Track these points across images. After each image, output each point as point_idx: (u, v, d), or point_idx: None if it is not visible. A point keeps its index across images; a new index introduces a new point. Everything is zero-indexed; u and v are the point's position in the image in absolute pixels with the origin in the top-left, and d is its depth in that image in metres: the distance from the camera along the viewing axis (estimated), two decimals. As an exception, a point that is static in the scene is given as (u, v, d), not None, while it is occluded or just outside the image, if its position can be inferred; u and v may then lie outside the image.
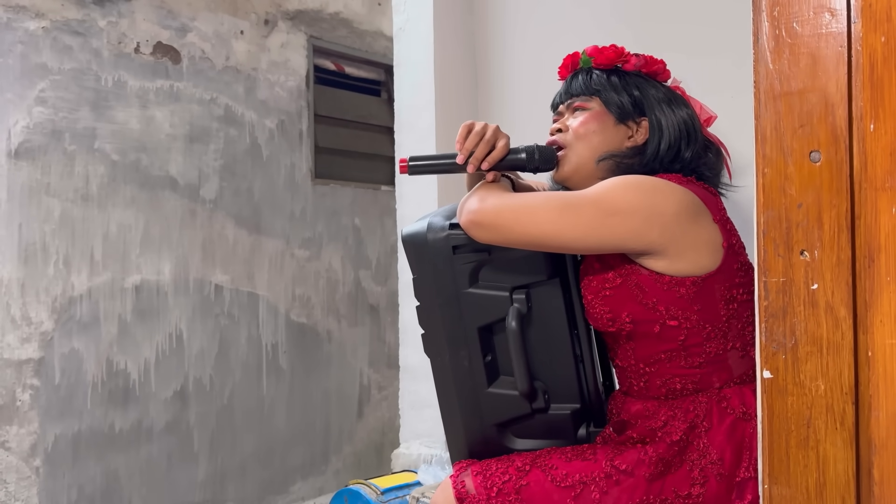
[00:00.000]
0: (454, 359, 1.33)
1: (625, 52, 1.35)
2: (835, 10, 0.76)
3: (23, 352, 2.51)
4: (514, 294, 1.30)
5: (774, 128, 0.78)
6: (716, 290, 1.21)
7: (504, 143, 1.29)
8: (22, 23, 2.54)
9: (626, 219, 1.16)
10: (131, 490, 2.75)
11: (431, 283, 1.33)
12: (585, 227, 1.17)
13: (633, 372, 1.28)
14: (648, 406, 1.26)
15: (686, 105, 1.34)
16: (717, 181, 1.35)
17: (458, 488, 1.26)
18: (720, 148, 1.36)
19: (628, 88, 1.33)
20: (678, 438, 1.21)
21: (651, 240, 1.17)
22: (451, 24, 2.32)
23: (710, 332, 1.22)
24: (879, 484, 0.72)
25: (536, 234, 1.19)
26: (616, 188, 1.19)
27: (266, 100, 3.22)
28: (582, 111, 1.34)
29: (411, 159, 1.31)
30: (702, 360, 1.23)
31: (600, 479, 1.20)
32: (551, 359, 1.33)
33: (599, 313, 1.25)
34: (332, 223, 3.44)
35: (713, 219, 1.22)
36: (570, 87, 1.37)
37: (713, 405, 1.22)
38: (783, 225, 0.78)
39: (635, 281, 1.21)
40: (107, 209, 2.73)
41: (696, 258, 1.19)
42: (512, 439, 1.35)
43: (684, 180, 1.25)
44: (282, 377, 3.23)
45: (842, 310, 0.75)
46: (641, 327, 1.23)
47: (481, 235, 1.23)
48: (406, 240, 1.35)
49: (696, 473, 1.19)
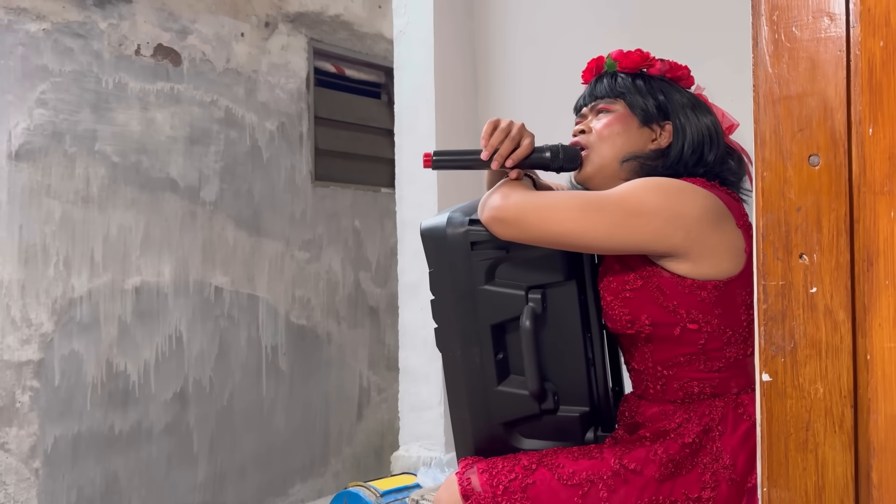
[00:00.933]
0: (466, 355, 1.32)
1: (650, 56, 1.35)
2: (834, 14, 0.76)
3: (23, 353, 2.51)
4: (530, 293, 1.28)
5: (773, 131, 0.79)
6: (737, 295, 1.20)
7: (529, 142, 1.28)
8: (23, 25, 2.54)
9: (650, 220, 1.16)
10: (131, 492, 2.75)
11: (447, 278, 1.32)
12: (608, 227, 1.17)
13: (650, 375, 1.27)
14: (665, 410, 1.26)
15: (709, 112, 1.34)
16: (739, 186, 1.34)
17: (464, 485, 1.24)
18: (742, 154, 1.36)
19: (653, 92, 1.32)
20: (691, 441, 1.20)
21: (674, 242, 1.17)
22: (451, 27, 2.32)
23: (731, 337, 1.21)
24: (878, 487, 0.72)
25: (559, 233, 1.18)
26: (640, 189, 1.19)
27: (266, 102, 3.22)
28: (606, 113, 1.33)
29: (435, 154, 1.30)
30: (721, 365, 1.22)
31: (608, 477, 1.19)
32: (563, 360, 1.32)
33: (618, 315, 1.24)
34: (332, 225, 3.44)
35: (736, 223, 1.21)
36: (594, 90, 1.36)
37: (729, 410, 1.21)
38: (782, 228, 0.78)
39: (656, 283, 1.20)
40: (107, 211, 2.73)
41: (718, 262, 1.19)
42: (519, 438, 1.34)
43: (708, 185, 1.24)
44: (281, 379, 3.23)
45: (840, 313, 0.75)
46: (661, 330, 1.22)
47: (503, 232, 1.22)
48: (425, 233, 1.34)
49: (708, 477, 1.18)
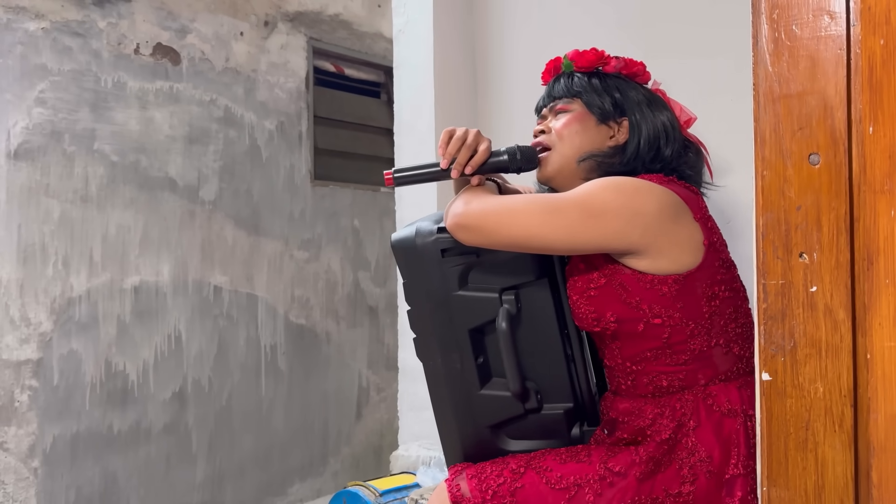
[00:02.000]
0: (446, 362, 1.33)
1: (605, 54, 1.37)
2: (834, 13, 0.76)
3: (21, 353, 2.51)
4: (504, 295, 1.30)
5: (773, 130, 0.78)
6: (697, 288, 1.22)
7: (485, 147, 1.30)
8: (22, 24, 2.54)
9: (609, 220, 1.18)
10: (129, 491, 2.75)
11: (421, 287, 1.34)
12: (568, 229, 1.19)
13: (621, 371, 1.29)
14: (636, 404, 1.27)
15: (665, 107, 1.36)
16: (698, 179, 1.37)
17: (454, 492, 1.26)
18: (700, 147, 1.39)
19: (609, 90, 1.35)
20: (667, 437, 1.22)
21: (633, 240, 1.19)
22: (450, 26, 2.32)
23: (694, 329, 1.23)
24: (878, 486, 0.72)
25: (520, 236, 1.21)
26: (599, 190, 1.21)
27: (265, 101, 3.22)
28: (564, 113, 1.36)
29: (395, 171, 1.32)
30: (686, 358, 1.24)
31: (594, 481, 1.21)
32: (542, 359, 1.33)
33: (585, 313, 1.26)
34: (332, 225, 3.44)
35: (694, 217, 1.23)
36: (552, 91, 1.40)
37: (699, 403, 1.23)
38: (782, 227, 0.78)
39: (619, 280, 1.23)
40: (106, 210, 2.73)
41: (677, 256, 1.21)
42: (506, 440, 1.35)
43: (665, 180, 1.27)
44: (280, 378, 3.23)
45: (840, 312, 0.75)
46: (626, 326, 1.24)
47: (466, 238, 1.25)
48: (395, 245, 1.36)
49: (686, 472, 1.20)
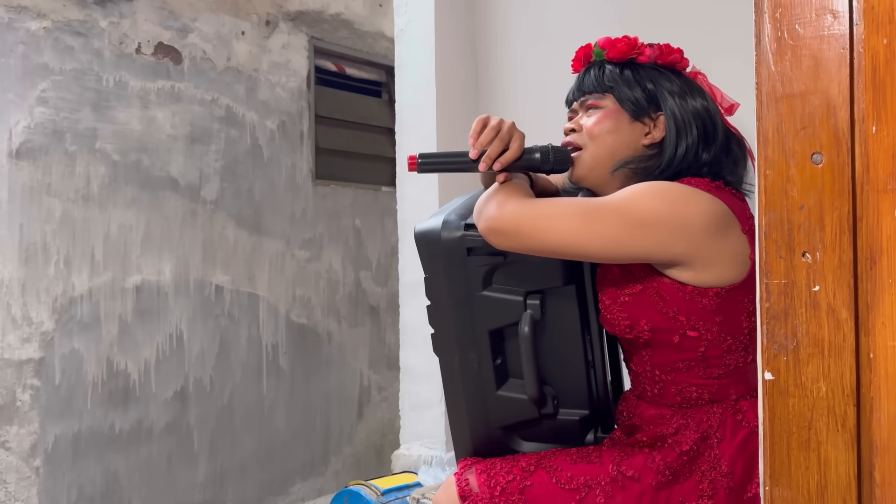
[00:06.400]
0: (463, 360, 1.29)
1: (638, 43, 1.28)
2: (837, 12, 0.75)
3: (23, 352, 2.51)
4: (529, 299, 1.25)
5: (776, 130, 0.78)
6: (739, 303, 1.16)
7: (518, 144, 1.23)
8: (23, 23, 2.54)
9: (652, 230, 1.11)
10: (131, 490, 2.75)
11: (443, 284, 1.28)
12: (608, 238, 1.11)
13: (648, 378, 1.25)
14: (662, 413, 1.23)
15: (703, 96, 1.27)
16: (741, 183, 1.27)
17: (462, 486, 1.23)
18: (742, 139, 1.29)
19: (642, 83, 1.25)
20: (688, 448, 1.18)
21: (677, 252, 1.12)
22: (452, 26, 2.32)
23: (731, 345, 1.18)
24: (881, 486, 0.72)
25: (557, 243, 1.13)
26: (641, 197, 1.13)
27: (267, 101, 3.22)
28: (595, 110, 1.27)
29: (421, 156, 1.24)
30: (721, 372, 1.19)
31: (606, 483, 1.18)
32: (563, 365, 1.29)
33: (617, 319, 1.20)
34: (333, 224, 3.44)
35: (742, 229, 1.16)
36: (582, 84, 1.31)
37: (728, 417, 1.19)
38: (785, 227, 0.78)
39: (656, 289, 1.16)
40: (107, 209, 2.73)
41: (722, 270, 1.14)
42: (518, 442, 1.33)
43: (712, 186, 1.19)
44: (282, 378, 3.23)
45: (843, 312, 0.75)
46: (660, 336, 1.18)
47: (500, 242, 1.17)
48: (419, 237, 1.29)
49: (706, 485, 1.16)
